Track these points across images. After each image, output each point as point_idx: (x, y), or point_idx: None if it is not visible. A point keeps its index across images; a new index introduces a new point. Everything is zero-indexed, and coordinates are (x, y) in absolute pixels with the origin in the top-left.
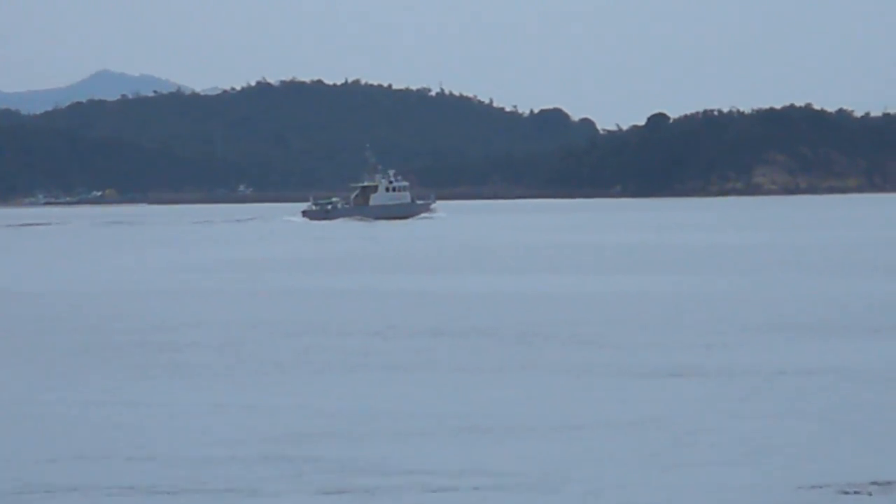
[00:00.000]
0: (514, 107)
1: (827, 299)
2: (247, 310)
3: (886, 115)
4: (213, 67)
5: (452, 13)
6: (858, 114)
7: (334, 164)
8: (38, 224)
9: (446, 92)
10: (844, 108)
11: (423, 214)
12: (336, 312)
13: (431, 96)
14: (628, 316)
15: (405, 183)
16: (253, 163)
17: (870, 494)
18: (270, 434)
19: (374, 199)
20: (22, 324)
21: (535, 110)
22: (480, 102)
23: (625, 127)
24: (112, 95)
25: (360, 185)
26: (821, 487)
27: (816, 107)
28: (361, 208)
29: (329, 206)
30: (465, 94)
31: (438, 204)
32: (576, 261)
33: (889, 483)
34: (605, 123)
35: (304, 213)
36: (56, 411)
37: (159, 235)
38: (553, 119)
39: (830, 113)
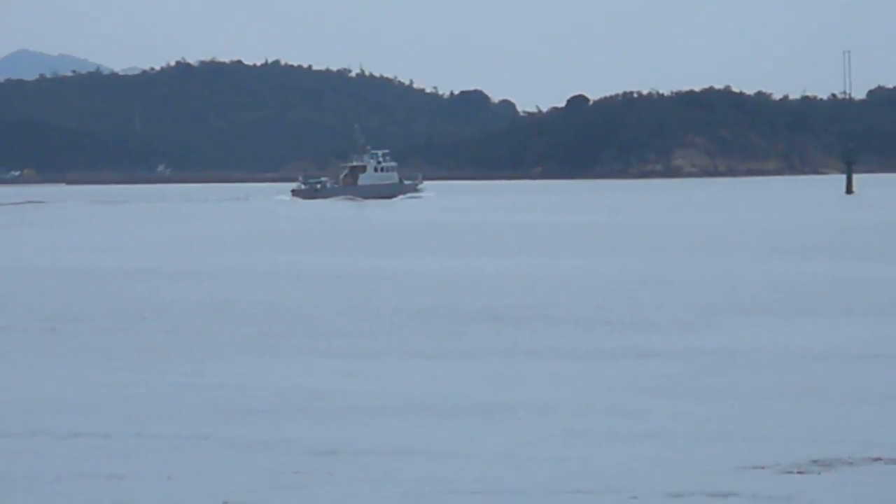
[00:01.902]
0: (435, 88)
1: (763, 280)
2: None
3: (805, 98)
4: (133, 47)
5: None
6: (777, 97)
7: (254, 144)
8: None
9: (366, 73)
10: (763, 90)
11: (410, 194)
12: (289, 295)
13: (351, 77)
14: (579, 296)
15: (393, 163)
16: (172, 143)
17: (818, 474)
18: (213, 411)
19: (363, 179)
20: None
21: (456, 91)
22: (401, 83)
23: (544, 108)
24: (30, 75)
25: (349, 164)
26: (762, 468)
27: (735, 89)
28: (350, 188)
29: (318, 186)
30: (385, 75)
31: (425, 184)
32: (531, 242)
33: (830, 463)
34: (524, 105)
35: (294, 193)
36: None
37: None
38: (473, 100)
39: (749, 95)
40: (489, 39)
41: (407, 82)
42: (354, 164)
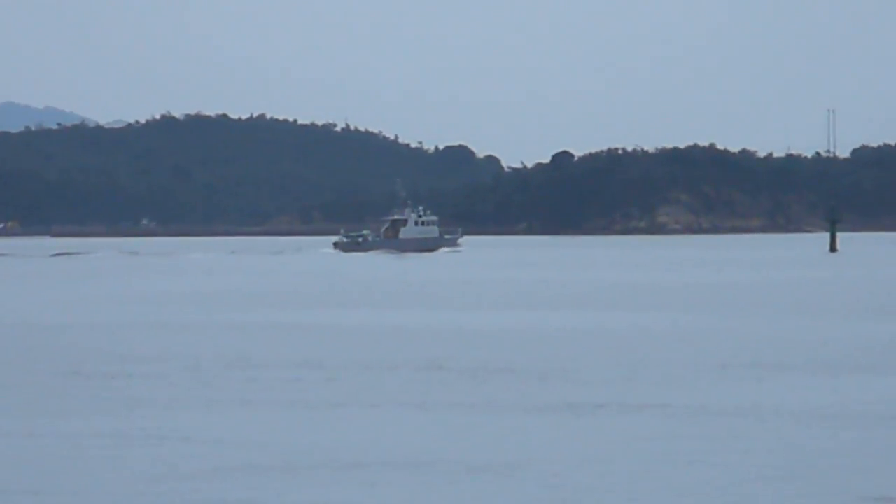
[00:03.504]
0: (420, 143)
1: (768, 339)
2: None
3: (789, 156)
4: (118, 100)
5: (357, 49)
6: (762, 154)
7: (239, 198)
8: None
9: (351, 127)
10: (747, 148)
11: (450, 248)
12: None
13: (336, 132)
14: (581, 352)
15: (434, 217)
16: (156, 196)
17: None
18: (199, 468)
19: (404, 233)
20: None
21: (441, 146)
22: (385, 138)
23: (529, 164)
24: (16, 127)
25: (391, 218)
26: None
27: (720, 147)
28: (392, 241)
29: (360, 239)
30: (370, 129)
31: (464, 239)
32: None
33: None
34: (510, 160)
35: (336, 245)
36: None
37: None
38: (458, 155)
39: (734, 153)
40: (475, 95)
41: (392, 137)
42: (395, 217)
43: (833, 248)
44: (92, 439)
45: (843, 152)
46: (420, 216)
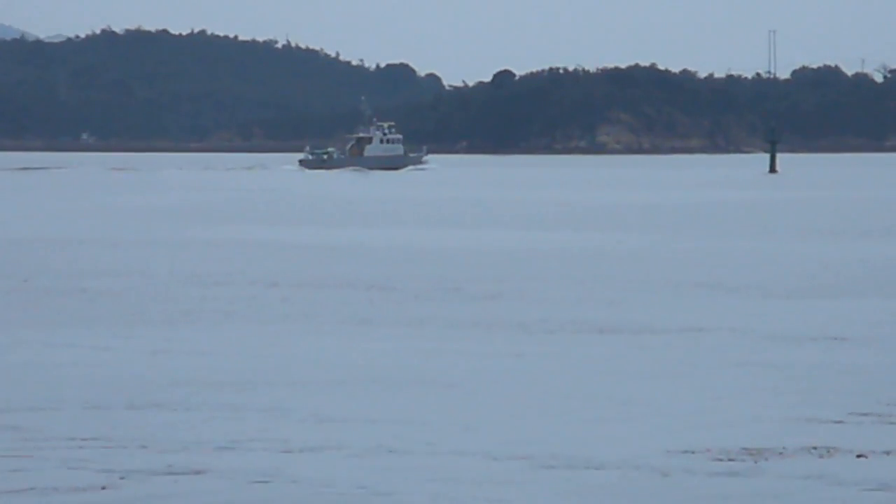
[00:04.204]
0: (361, 61)
1: (720, 258)
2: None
3: (730, 77)
4: (58, 14)
5: None
6: (702, 75)
7: (179, 114)
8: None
9: (293, 44)
10: (689, 68)
11: (415, 166)
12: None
13: (277, 48)
14: (532, 272)
15: (399, 136)
16: (96, 111)
17: (742, 461)
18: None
19: (370, 151)
20: None
21: (382, 65)
22: (327, 56)
23: (471, 83)
24: None
25: (356, 136)
26: (693, 453)
27: (661, 67)
28: (357, 159)
29: (325, 156)
30: (311, 46)
31: (429, 157)
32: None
33: (760, 451)
34: (451, 79)
35: (302, 163)
36: None
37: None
38: (399, 73)
39: (675, 73)
40: (416, 12)
41: (333, 55)
42: (361, 135)
43: (773, 169)
44: (42, 355)
45: (784, 73)
46: (385, 134)
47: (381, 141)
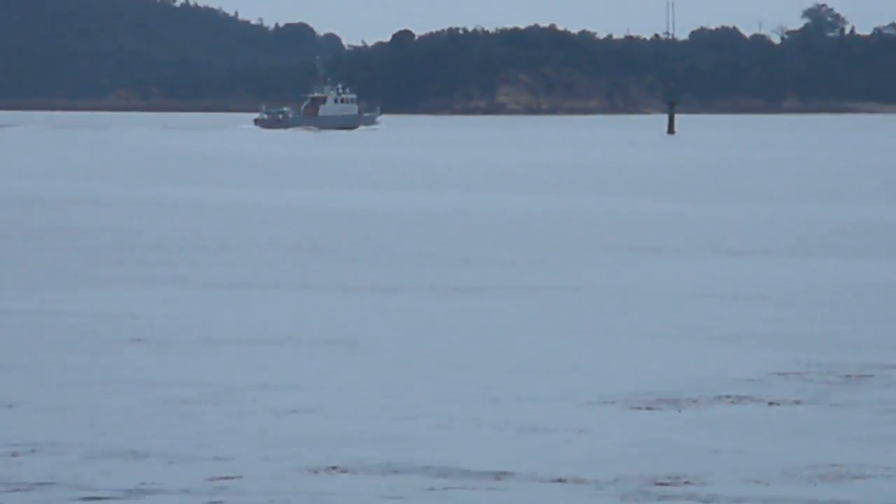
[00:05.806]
0: (260, 20)
1: (631, 220)
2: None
3: (629, 38)
4: None
5: None
6: (601, 36)
7: (75, 72)
8: None
9: (190, 3)
10: (588, 29)
11: (367, 126)
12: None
13: (175, 7)
14: (460, 234)
15: (353, 95)
16: None
17: (661, 410)
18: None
19: (324, 110)
20: None
21: (280, 24)
22: (225, 14)
23: (370, 43)
24: None
25: (311, 95)
26: (613, 403)
27: (560, 27)
28: (312, 118)
29: (280, 116)
30: (209, 5)
31: (381, 118)
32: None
33: (676, 400)
34: (350, 39)
35: (257, 122)
36: None
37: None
38: (298, 33)
39: (573, 34)
40: None
41: (231, 13)
42: (316, 95)
43: (671, 130)
44: None
45: (682, 34)
46: (339, 94)
47: (336, 101)
